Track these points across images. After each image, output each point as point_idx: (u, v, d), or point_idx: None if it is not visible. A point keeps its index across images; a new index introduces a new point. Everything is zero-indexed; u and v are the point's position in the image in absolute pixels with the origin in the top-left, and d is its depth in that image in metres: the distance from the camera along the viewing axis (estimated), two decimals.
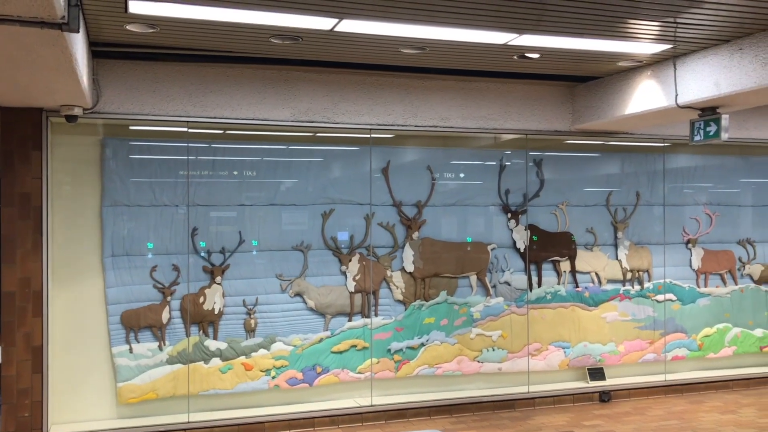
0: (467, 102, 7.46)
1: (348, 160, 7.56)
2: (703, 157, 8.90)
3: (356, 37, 5.65)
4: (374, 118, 7.15)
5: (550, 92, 7.75)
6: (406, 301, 7.58)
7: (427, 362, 7.59)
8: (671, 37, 5.71)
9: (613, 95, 7.13)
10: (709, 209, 8.87)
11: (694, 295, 8.72)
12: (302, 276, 7.20)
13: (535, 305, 8.04)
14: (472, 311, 7.79)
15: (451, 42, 5.80)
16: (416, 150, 7.78)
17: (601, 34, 5.64)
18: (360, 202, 7.42)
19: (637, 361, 8.44)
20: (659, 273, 8.58)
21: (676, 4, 4.87)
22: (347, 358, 7.32)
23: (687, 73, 6.22)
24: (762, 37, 5.51)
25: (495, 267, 7.93)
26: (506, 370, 7.88)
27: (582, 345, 8.19)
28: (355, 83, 7.06)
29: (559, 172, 8.25)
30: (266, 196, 7.18)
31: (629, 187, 8.50)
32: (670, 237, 8.65)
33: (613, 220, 8.42)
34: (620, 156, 8.55)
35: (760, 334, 9.05)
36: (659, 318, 8.54)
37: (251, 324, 7.03)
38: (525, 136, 7.88)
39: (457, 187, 7.88)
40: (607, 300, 8.34)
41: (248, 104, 6.74)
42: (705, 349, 8.76)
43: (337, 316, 7.32)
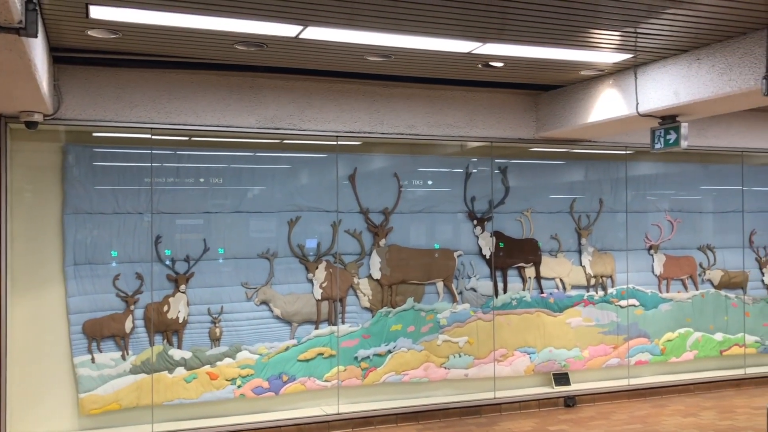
0: (433, 110, 7.51)
1: (315, 168, 7.55)
2: (665, 164, 9.08)
3: (321, 45, 5.66)
4: (341, 126, 7.16)
5: (514, 100, 7.83)
6: (373, 309, 7.58)
7: (394, 369, 7.60)
8: (632, 46, 5.82)
9: (575, 103, 7.24)
10: (671, 216, 9.04)
11: (656, 301, 8.87)
12: (268, 284, 7.16)
13: (501, 311, 8.10)
14: (439, 318, 7.82)
15: (416, 50, 5.84)
16: (383, 157, 7.80)
17: (563, 44, 5.73)
18: (327, 209, 7.41)
19: (601, 366, 8.55)
20: (622, 279, 8.72)
21: (636, 14, 4.97)
22: (314, 366, 7.29)
23: (647, 82, 6.34)
24: (718, 47, 5.65)
25: (461, 273, 7.97)
26: (473, 376, 7.92)
27: (547, 350, 8.27)
28: (321, 90, 7.06)
29: (524, 180, 8.34)
30: (232, 204, 7.13)
31: (592, 194, 8.62)
32: (633, 243, 8.80)
33: (577, 226, 8.53)
34: (584, 163, 8.67)
35: (721, 338, 9.23)
36: (623, 323, 8.67)
37: (216, 333, 6.96)
38: (490, 144, 7.95)
39: (424, 195, 7.92)
40: (572, 306, 8.44)
41: (213, 111, 6.70)
42: (667, 353, 8.90)
43: (303, 324, 7.29)
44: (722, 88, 5.61)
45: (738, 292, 9.37)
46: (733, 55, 5.51)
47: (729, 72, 5.55)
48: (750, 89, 5.40)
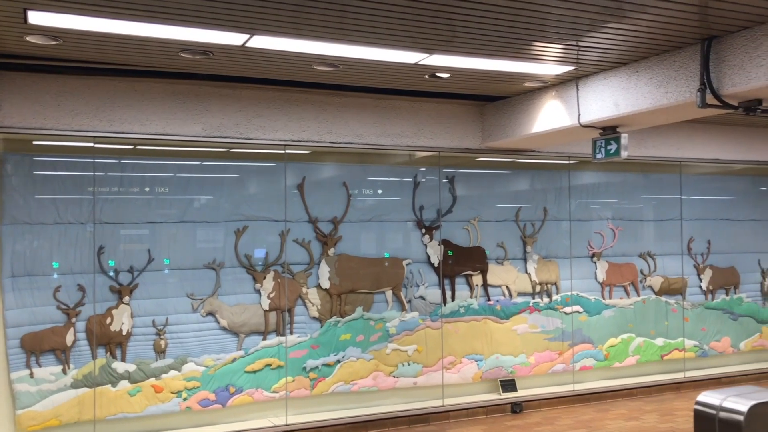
0: (381, 119, 7.55)
1: (262, 177, 7.50)
2: (606, 174, 9.31)
3: (268, 53, 5.64)
4: (289, 135, 7.13)
5: (461, 111, 7.94)
6: (322, 318, 7.56)
7: (343, 379, 7.58)
8: (574, 59, 5.97)
9: (520, 114, 7.38)
10: (613, 224, 9.27)
11: (599, 307, 9.08)
12: (214, 295, 7.07)
13: (449, 319, 8.17)
14: (388, 326, 7.85)
15: (364, 60, 5.88)
16: (332, 166, 7.81)
17: (508, 56, 5.84)
18: (275, 218, 7.37)
19: (546, 372, 8.70)
20: (566, 285, 8.90)
21: (578, 28, 5.10)
22: (261, 378, 7.22)
23: (589, 93, 6.51)
24: (656, 61, 5.84)
25: (410, 282, 8.02)
26: (421, 384, 7.96)
27: (494, 357, 8.37)
28: (268, 99, 7.03)
29: (471, 189, 8.45)
30: (178, 213, 7.03)
31: (537, 203, 8.79)
32: (577, 251, 9.00)
33: (523, 234, 8.68)
34: (529, 173, 8.84)
35: (661, 343, 9.49)
36: (567, 329, 8.84)
37: (161, 345, 6.83)
38: (438, 154, 8.03)
39: (373, 204, 7.94)
40: (518, 312, 8.57)
41: (158, 119, 6.60)
42: (611, 358, 9.11)
43: (251, 335, 7.22)
44: (660, 100, 5.81)
45: (677, 298, 9.67)
46: (670, 68, 5.71)
47: (666, 85, 5.74)
48: (686, 101, 5.59)
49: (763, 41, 4.99)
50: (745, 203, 10.31)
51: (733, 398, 2.05)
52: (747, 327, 10.19)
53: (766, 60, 4.97)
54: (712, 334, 9.87)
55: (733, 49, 5.21)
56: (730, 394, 2.09)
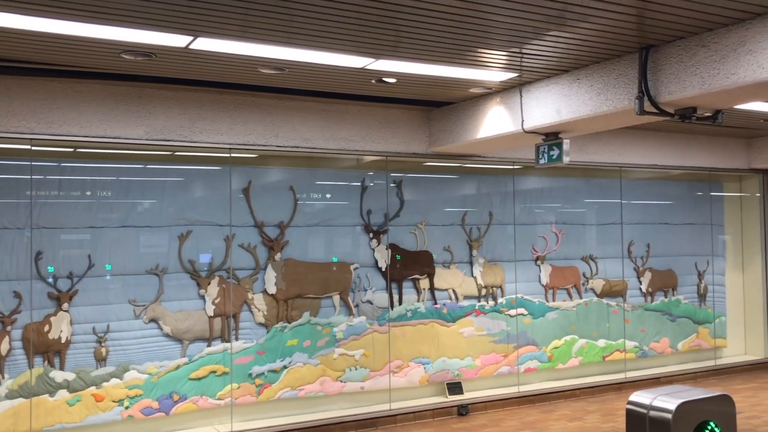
0: (329, 123, 7.54)
1: (207, 181, 7.40)
2: (550, 179, 9.50)
3: (213, 56, 5.57)
4: (234, 138, 7.05)
5: (408, 116, 7.99)
6: (268, 324, 7.49)
7: (290, 385, 7.52)
8: (517, 66, 6.08)
9: (465, 120, 7.47)
10: (556, 228, 9.46)
11: (543, 309, 9.25)
12: (157, 301, 6.93)
13: (396, 323, 8.20)
14: (335, 331, 7.82)
15: (310, 64, 5.86)
16: (279, 170, 7.75)
17: (453, 62, 5.90)
18: (220, 223, 7.27)
19: (492, 374, 8.80)
20: (511, 288, 9.03)
21: (521, 35, 5.19)
22: (206, 385, 7.11)
23: (532, 100, 6.63)
24: (596, 68, 5.99)
25: (358, 286, 8.01)
26: (369, 389, 7.96)
27: (441, 360, 8.44)
28: (213, 102, 6.94)
29: (419, 193, 8.51)
30: (120, 218, 6.87)
31: (483, 207, 8.90)
32: (521, 254, 9.14)
33: (469, 238, 8.77)
34: (475, 178, 8.95)
35: (603, 345, 9.72)
36: (512, 332, 8.97)
37: (102, 352, 6.66)
38: (385, 158, 8.06)
39: (321, 208, 7.92)
40: (464, 316, 8.66)
41: (98, 121, 6.45)
42: (554, 360, 9.28)
43: (195, 342, 7.10)
44: (600, 107, 5.95)
45: (618, 300, 9.91)
46: (610, 76, 5.86)
47: (606, 92, 5.89)
48: (625, 108, 5.75)
49: (697, 51, 5.17)
50: (683, 208, 10.66)
51: (663, 397, 2.12)
52: (684, 328, 10.52)
53: (700, 69, 5.15)
54: (651, 335, 10.16)
55: (669, 58, 5.38)
56: (660, 393, 2.16)
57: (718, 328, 10.87)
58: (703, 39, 5.13)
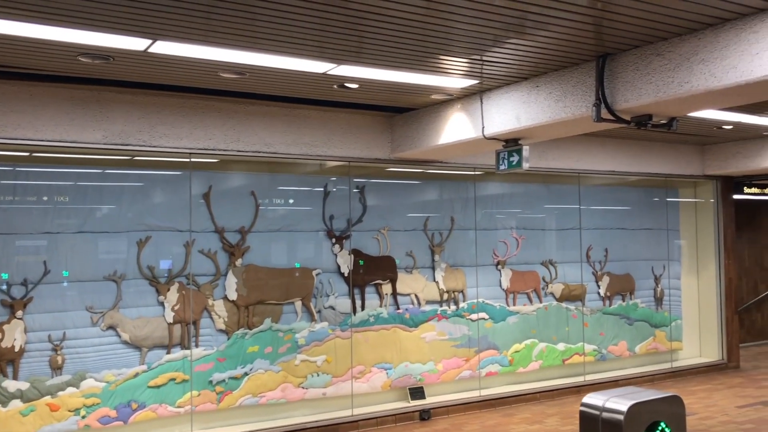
0: (291, 128, 7.51)
1: (167, 186, 7.31)
2: (511, 185, 9.61)
3: (172, 60, 5.51)
4: (194, 142, 6.98)
5: (370, 121, 8.01)
6: (229, 330, 7.42)
7: (251, 391, 7.46)
8: (478, 73, 6.14)
9: (427, 126, 7.51)
10: (516, 233, 9.56)
11: (504, 314, 9.34)
12: (115, 308, 6.82)
13: (359, 328, 8.19)
14: (297, 337, 7.79)
15: (272, 69, 5.84)
16: (240, 175, 7.70)
17: (414, 68, 5.94)
18: (179, 228, 7.19)
19: (454, 379, 8.85)
20: (473, 293, 9.10)
21: (482, 42, 5.25)
22: (165, 392, 7.01)
23: (492, 107, 6.71)
24: (554, 76, 6.08)
25: (320, 292, 7.99)
26: (331, 395, 7.93)
27: (403, 365, 8.45)
28: (173, 106, 6.87)
29: (381, 198, 8.53)
30: (77, 223, 6.74)
31: (445, 213, 8.96)
32: (482, 259, 9.22)
33: (431, 243, 8.82)
34: (437, 183, 9.00)
35: (563, 348, 9.85)
36: (474, 336, 9.03)
37: (58, 361, 6.52)
38: (348, 163, 8.06)
39: (283, 213, 7.88)
40: (426, 320, 8.69)
41: (55, 125, 6.32)
42: (515, 364, 9.37)
43: (154, 349, 7.00)
44: (558, 114, 6.05)
45: (577, 304, 10.06)
46: (568, 83, 5.96)
47: (564, 99, 5.99)
48: (582, 115, 5.85)
49: (652, 60, 5.29)
50: (640, 213, 10.87)
51: (615, 399, 2.17)
52: (642, 331, 10.72)
53: (655, 77, 5.27)
54: (609, 338, 10.33)
55: (625, 66, 5.50)
56: (612, 395, 2.21)
57: (674, 331, 11.10)
58: (657, 48, 5.26)
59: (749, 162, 10.22)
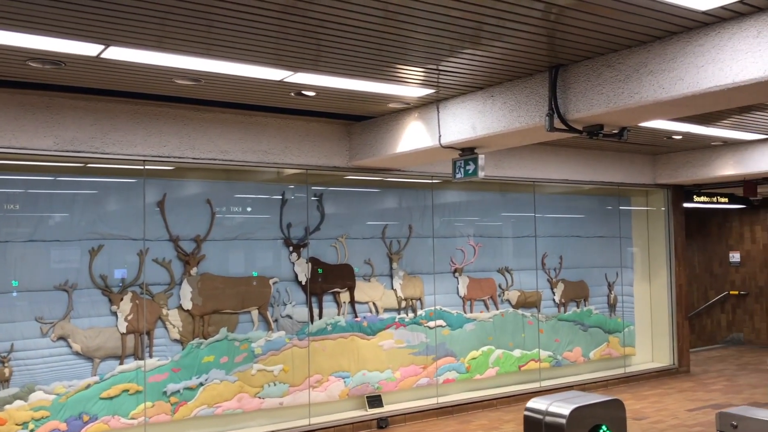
0: (247, 136, 7.47)
1: (120, 193, 7.19)
2: (468, 193, 9.70)
3: (125, 65, 5.43)
4: (148, 150, 6.89)
5: (328, 129, 8.00)
6: (184, 340, 7.31)
7: (206, 402, 7.36)
8: (434, 82, 6.20)
9: (385, 134, 7.55)
10: (473, 241, 9.65)
11: (461, 321, 9.40)
12: (66, 318, 6.66)
13: (316, 337, 8.16)
14: (254, 347, 7.71)
15: (228, 76, 5.80)
16: (196, 183, 7.61)
17: (372, 77, 5.97)
18: (133, 237, 7.07)
19: (412, 386, 8.87)
20: (430, 301, 9.14)
21: (438, 52, 5.31)
22: (118, 404, 6.87)
23: (449, 116, 6.77)
24: (509, 86, 6.18)
25: (277, 301, 7.94)
26: (288, 404, 7.88)
27: (361, 373, 8.44)
28: (126, 112, 6.76)
29: (340, 206, 8.53)
30: (27, 232, 6.58)
31: (403, 221, 9.00)
32: (440, 267, 9.28)
33: (389, 251, 8.84)
34: (395, 191, 9.04)
35: (519, 355, 9.96)
36: (431, 343, 9.07)
37: (5, 373, 6.34)
38: (305, 171, 8.04)
39: (239, 221, 7.81)
40: (384, 328, 8.70)
41: (3, 131, 6.17)
42: (472, 371, 9.44)
43: (106, 360, 6.86)
44: (512, 124, 6.14)
45: (533, 311, 10.19)
46: (522, 93, 6.05)
47: (518, 109, 6.08)
48: (536, 125, 5.95)
49: (603, 71, 5.41)
50: (593, 221, 11.08)
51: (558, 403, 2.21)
52: (596, 337, 10.90)
53: (605, 88, 5.39)
54: (564, 344, 10.48)
55: (577, 77, 5.61)
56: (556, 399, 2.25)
57: (627, 337, 11.32)
58: (608, 60, 5.38)
59: (698, 171, 10.51)
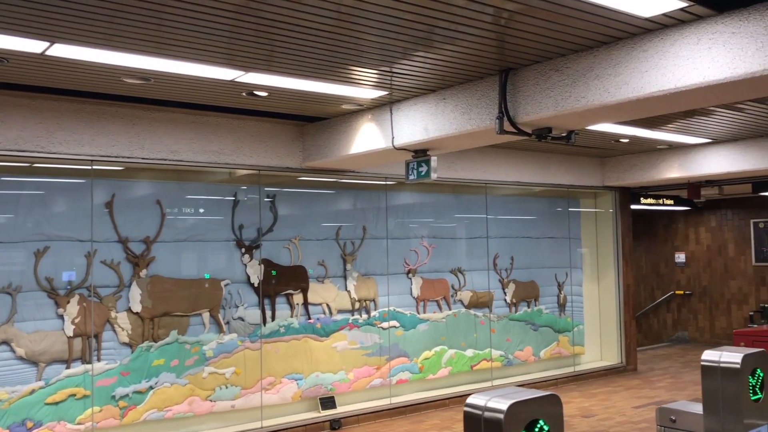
0: (198, 136, 7.38)
1: (67, 194, 7.03)
2: (422, 194, 9.77)
3: (72, 63, 5.32)
4: (96, 149, 6.75)
5: (281, 130, 7.97)
6: (133, 343, 7.19)
7: (156, 406, 7.24)
8: (387, 84, 6.23)
9: (338, 135, 7.55)
10: (427, 242, 9.73)
11: (414, 321, 9.46)
12: (9, 321, 6.48)
13: (269, 339, 8.11)
14: (205, 349, 7.63)
15: (178, 75, 5.73)
16: (146, 183, 7.49)
17: (325, 78, 5.97)
18: (80, 238, 6.92)
19: (365, 387, 8.89)
20: (384, 302, 9.18)
21: (391, 54, 5.34)
22: (64, 409, 6.71)
23: (402, 118, 6.82)
24: (461, 89, 6.25)
25: (229, 303, 7.86)
26: (240, 407, 7.81)
27: (314, 375, 8.42)
28: (73, 111, 6.62)
29: (293, 208, 8.49)
30: None
31: (357, 222, 9.01)
32: (393, 268, 9.32)
33: (343, 252, 8.84)
34: (349, 193, 9.05)
35: (471, 354, 10.06)
36: (385, 344, 9.11)
37: None
38: (258, 172, 7.99)
39: (190, 223, 7.72)
40: (338, 330, 8.70)
41: None
42: (425, 371, 9.51)
43: (52, 364, 6.69)
44: (464, 126, 6.21)
45: (485, 311, 10.31)
46: (473, 96, 6.13)
47: (469, 112, 6.16)
48: (486, 128, 6.03)
49: (551, 75, 5.52)
50: (543, 222, 11.28)
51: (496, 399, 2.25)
52: (546, 336, 11.09)
53: (554, 92, 5.50)
54: (515, 344, 10.63)
55: (526, 80, 5.71)
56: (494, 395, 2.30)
57: (576, 336, 11.55)
58: (556, 64, 5.50)
59: (645, 174, 10.79)
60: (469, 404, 2.24)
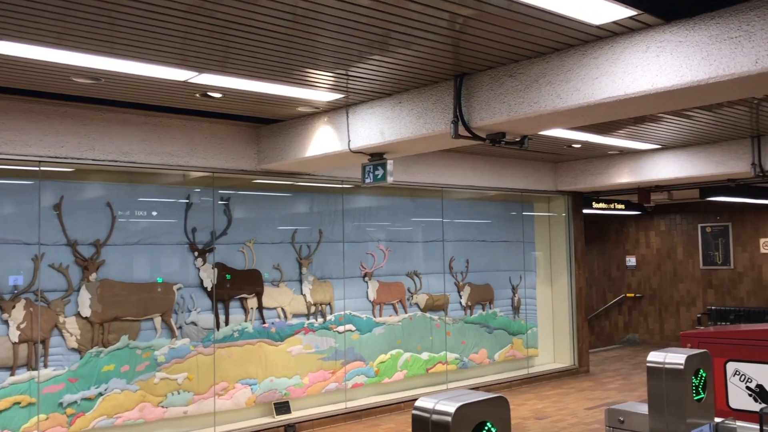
0: (150, 137, 7.26)
1: (13, 195, 6.83)
2: (378, 198, 9.78)
3: (19, 61, 5.18)
4: (44, 150, 6.58)
5: (236, 132, 7.89)
6: (82, 349, 7.02)
7: (106, 413, 7.09)
8: (344, 87, 6.22)
9: (294, 138, 7.51)
10: (383, 245, 9.73)
11: (370, 325, 9.46)
12: None
13: (222, 344, 8.00)
14: (156, 355, 7.49)
15: (130, 75, 5.63)
16: (96, 185, 7.33)
17: (280, 80, 5.93)
18: (27, 241, 6.74)
19: (320, 392, 8.84)
20: (340, 305, 9.15)
21: (347, 57, 5.33)
22: (8, 418, 6.51)
23: (358, 121, 6.81)
24: (416, 93, 6.28)
25: (181, 307, 7.74)
26: (192, 413, 7.69)
27: (269, 380, 8.34)
28: (20, 111, 6.44)
29: (248, 211, 8.41)
30: None
31: (313, 225, 8.97)
32: (350, 271, 9.30)
33: (298, 256, 8.79)
34: (306, 196, 9.00)
35: (427, 357, 10.10)
36: (340, 348, 9.08)
37: None
38: (212, 174, 7.89)
39: (142, 225, 7.58)
40: (293, 334, 8.63)
41: None
42: (381, 374, 9.50)
43: None
44: (419, 130, 6.24)
45: (440, 314, 10.37)
46: (428, 100, 6.16)
47: (425, 116, 6.18)
48: (441, 132, 6.07)
49: (505, 80, 5.59)
50: (498, 226, 11.40)
51: (444, 401, 2.25)
52: (501, 339, 11.21)
53: (507, 98, 5.56)
54: (471, 346, 10.71)
55: (480, 86, 5.77)
56: (442, 397, 2.30)
57: (530, 339, 11.69)
58: (510, 69, 5.56)
59: (596, 179, 11.00)
60: (418, 407, 2.24)
